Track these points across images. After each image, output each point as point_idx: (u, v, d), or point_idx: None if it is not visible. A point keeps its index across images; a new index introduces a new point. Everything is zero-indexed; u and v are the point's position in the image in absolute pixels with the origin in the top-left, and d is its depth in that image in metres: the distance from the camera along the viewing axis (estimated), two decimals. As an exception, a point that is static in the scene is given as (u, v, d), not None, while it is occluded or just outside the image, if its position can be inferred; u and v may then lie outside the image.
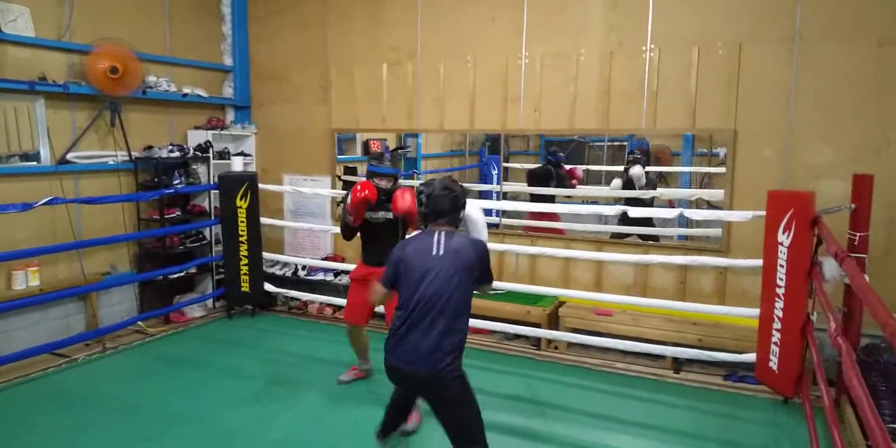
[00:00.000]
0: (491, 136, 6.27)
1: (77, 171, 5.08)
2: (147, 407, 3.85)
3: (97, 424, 3.62)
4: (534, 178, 5.90)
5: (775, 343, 3.69)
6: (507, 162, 6.11)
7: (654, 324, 4.56)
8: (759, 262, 3.85)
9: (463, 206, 2.88)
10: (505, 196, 5.92)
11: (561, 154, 5.89)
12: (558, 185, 5.78)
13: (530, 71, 5.10)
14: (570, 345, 4.72)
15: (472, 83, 5.34)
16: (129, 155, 5.46)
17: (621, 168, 5.68)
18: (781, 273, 3.64)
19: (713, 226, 4.63)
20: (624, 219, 4.80)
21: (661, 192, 5.37)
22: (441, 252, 2.70)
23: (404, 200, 3.46)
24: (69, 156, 5.03)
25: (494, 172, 6.50)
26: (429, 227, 2.84)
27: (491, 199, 6.02)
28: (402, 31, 5.64)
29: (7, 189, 4.59)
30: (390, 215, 3.72)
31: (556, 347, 4.80)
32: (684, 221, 4.95)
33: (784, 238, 3.63)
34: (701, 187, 5.27)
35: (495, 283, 4.81)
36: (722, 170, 4.67)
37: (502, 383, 4.22)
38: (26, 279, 4.65)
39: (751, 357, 3.92)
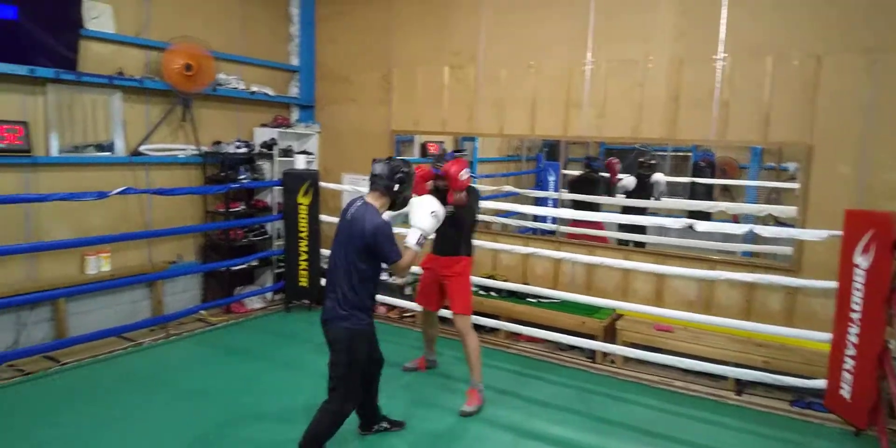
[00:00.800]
0: (549, 142, 6.21)
1: (149, 162, 5.27)
2: (206, 394, 3.96)
3: (159, 407, 3.75)
4: (576, 185, 5.86)
5: (848, 370, 3.52)
6: (566, 169, 6.03)
7: (717, 343, 4.41)
8: (833, 284, 3.68)
9: (399, 180, 3.06)
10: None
11: (598, 162, 5.84)
12: (602, 193, 5.72)
13: (595, 77, 5.02)
14: (627, 359, 4.61)
15: (534, 88, 5.30)
16: (199, 149, 5.63)
17: (685, 179, 5.56)
18: (858, 297, 3.47)
19: (781, 243, 4.45)
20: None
21: (727, 205, 5.20)
22: (347, 218, 3.04)
23: (450, 165, 3.71)
24: (142, 148, 5.22)
25: (551, 179, 6.44)
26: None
27: (547, 206, 5.96)
28: (465, 35, 5.64)
29: (83, 177, 4.80)
30: (451, 209, 3.79)
31: (612, 361, 4.70)
32: (750, 237, 4.78)
33: (862, 260, 3.46)
34: (767, 203, 5.09)
35: (548, 291, 4.83)
36: (792, 185, 4.49)
37: (556, 394, 4.16)
38: (98, 264, 4.86)
39: (820, 383, 3.75)
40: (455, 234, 3.95)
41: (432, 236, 3.81)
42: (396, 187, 3.05)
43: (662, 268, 4.47)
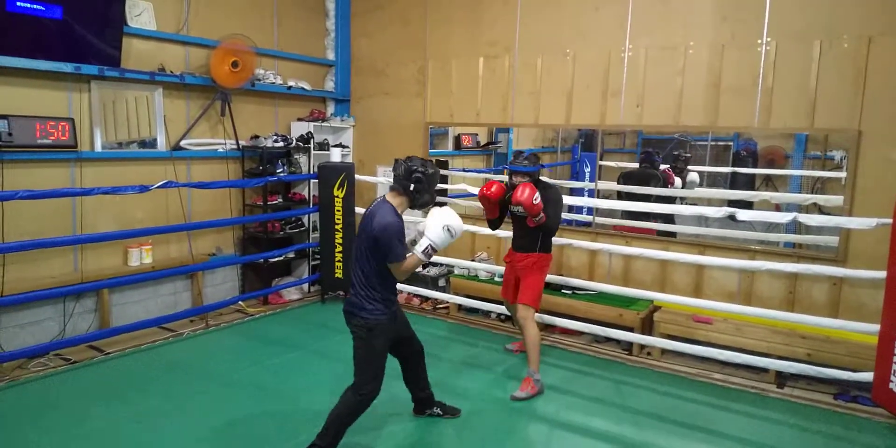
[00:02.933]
0: (584, 132, 6.12)
1: (189, 157, 5.39)
2: (244, 383, 4.05)
3: (199, 396, 3.84)
4: (632, 179, 5.67)
5: (898, 363, 3.39)
6: (602, 160, 5.94)
7: (759, 335, 4.30)
8: (881, 274, 3.56)
9: (416, 180, 3.07)
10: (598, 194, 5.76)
11: (658, 156, 5.65)
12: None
13: (633, 64, 4.94)
14: (665, 351, 4.54)
15: (571, 77, 5.23)
16: (237, 143, 5.74)
17: (726, 169, 5.41)
18: (909, 287, 3.34)
19: (825, 233, 4.31)
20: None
21: (770, 195, 5.06)
22: (367, 213, 3.11)
23: (521, 193, 3.80)
24: (182, 143, 5.34)
25: (587, 170, 6.34)
26: None
27: (582, 196, 5.89)
28: (501, 24, 5.60)
29: (126, 172, 4.94)
30: (520, 210, 3.97)
31: (649, 353, 4.63)
32: (792, 227, 4.64)
33: (914, 249, 3.32)
34: (812, 192, 4.93)
35: (582, 283, 4.78)
36: (838, 174, 4.34)
37: (593, 386, 4.13)
38: (140, 256, 4.99)
39: (867, 376, 3.63)
40: (531, 232, 4.06)
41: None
42: (412, 187, 3.07)
43: (702, 258, 4.38)
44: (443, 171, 6.42)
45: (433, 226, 3.12)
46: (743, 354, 4.08)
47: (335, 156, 6.20)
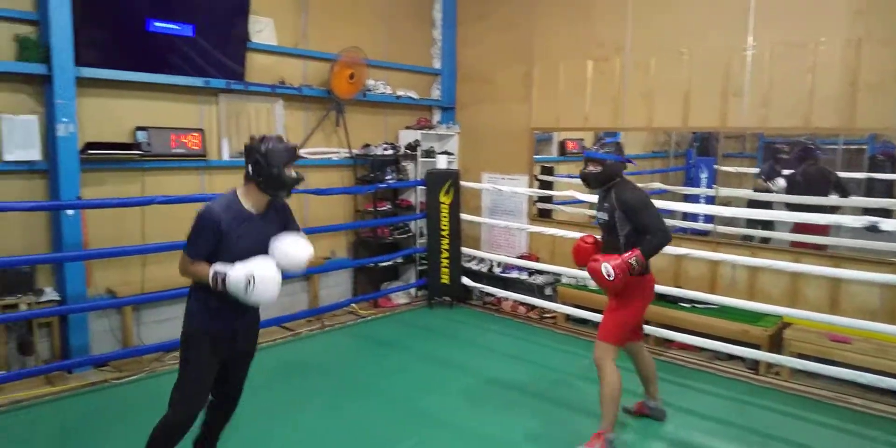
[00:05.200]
0: (700, 136, 5.81)
1: (307, 165, 5.63)
2: (360, 382, 4.17)
3: (317, 394, 3.98)
4: (806, 180, 4.99)
5: None
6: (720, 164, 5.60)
7: (907, 357, 3.89)
8: None
9: (253, 162, 2.51)
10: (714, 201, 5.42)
11: (818, 152, 4.92)
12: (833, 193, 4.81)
13: (757, 62, 4.64)
14: (795, 371, 4.20)
15: (688, 77, 5.00)
16: (350, 152, 5.94)
17: (860, 175, 4.90)
18: None
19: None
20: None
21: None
22: None
23: (594, 269, 3.11)
24: (300, 152, 5.57)
25: (703, 176, 6.02)
26: None
27: (698, 203, 5.59)
28: (611, 25, 5.45)
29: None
30: (606, 217, 3.35)
31: (777, 373, 4.30)
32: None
33: None
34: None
35: (702, 295, 4.50)
36: None
37: (714, 406, 3.89)
38: (263, 259, 5.25)
39: None
40: (623, 245, 3.25)
41: None
42: (250, 169, 2.53)
43: (839, 271, 4.02)
44: (548, 178, 6.33)
45: (247, 267, 2.42)
46: (888, 379, 3.68)
47: (441, 163, 6.27)
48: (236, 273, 2.41)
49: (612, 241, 3.31)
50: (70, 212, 4.14)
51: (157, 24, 4.50)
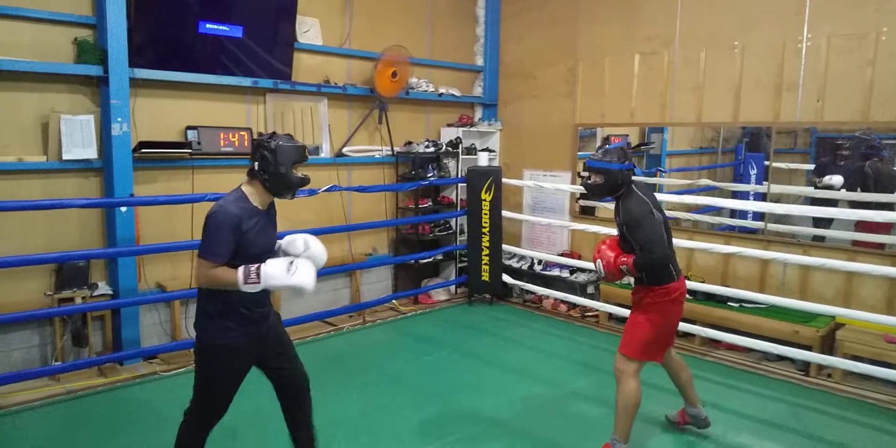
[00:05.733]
0: (749, 131, 5.64)
1: (350, 162, 5.71)
2: (402, 378, 4.21)
3: (359, 388, 4.03)
4: (876, 175, 4.66)
5: None
6: (771, 160, 5.42)
7: (972, 361, 3.70)
8: None
9: (260, 157, 2.49)
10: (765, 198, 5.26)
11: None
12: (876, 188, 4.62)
13: (813, 54, 4.48)
14: (848, 373, 4.05)
15: (739, 71, 4.86)
16: (392, 149, 5.99)
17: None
18: None
19: None
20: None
21: None
22: None
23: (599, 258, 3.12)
24: (345, 149, 5.67)
25: (753, 172, 5.84)
26: None
27: (748, 199, 5.43)
28: (660, 18, 5.33)
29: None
30: (618, 226, 3.17)
31: (829, 375, 4.15)
32: None
33: None
34: None
35: (751, 295, 4.37)
36: None
37: (764, 408, 3.78)
38: (308, 255, 5.35)
39: None
40: (624, 244, 3.16)
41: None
42: (257, 166, 2.48)
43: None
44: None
45: (285, 264, 2.35)
46: (951, 383, 3.52)
47: (482, 160, 6.26)
48: (273, 260, 2.35)
49: (629, 250, 3.10)
50: (123, 208, 4.29)
51: (209, 25, 4.62)
